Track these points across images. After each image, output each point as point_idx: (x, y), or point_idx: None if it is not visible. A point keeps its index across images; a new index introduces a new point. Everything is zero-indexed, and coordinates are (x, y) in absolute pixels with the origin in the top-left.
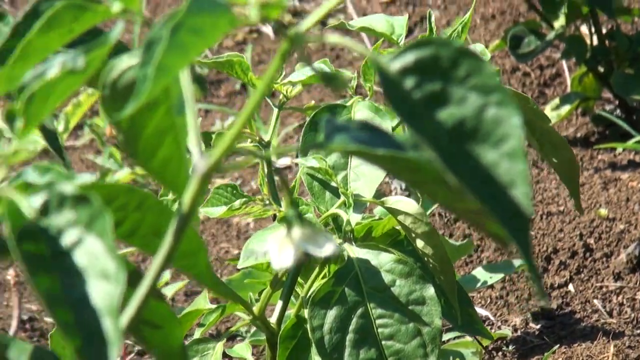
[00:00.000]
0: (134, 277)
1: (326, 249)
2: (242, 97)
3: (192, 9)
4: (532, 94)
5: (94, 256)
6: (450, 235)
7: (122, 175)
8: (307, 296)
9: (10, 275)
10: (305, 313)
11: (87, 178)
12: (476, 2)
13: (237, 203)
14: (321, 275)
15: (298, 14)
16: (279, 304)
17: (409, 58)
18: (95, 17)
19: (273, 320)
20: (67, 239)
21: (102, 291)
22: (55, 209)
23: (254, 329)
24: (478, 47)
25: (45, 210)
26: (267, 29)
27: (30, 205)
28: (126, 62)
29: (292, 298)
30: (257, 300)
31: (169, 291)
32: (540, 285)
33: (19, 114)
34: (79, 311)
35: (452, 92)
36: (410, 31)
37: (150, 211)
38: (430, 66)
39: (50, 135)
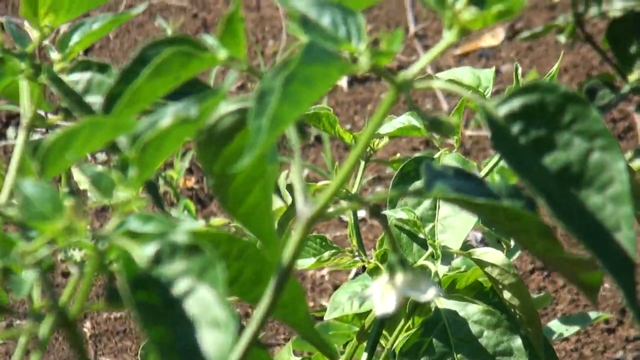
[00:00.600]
0: None
1: (429, 294)
2: (316, 149)
3: (304, 59)
4: None
5: (206, 305)
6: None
7: (197, 228)
8: (393, 348)
9: (87, 327)
10: None
11: (192, 225)
12: (544, 59)
13: (326, 254)
14: (405, 328)
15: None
16: (364, 356)
17: (516, 103)
18: (202, 64)
19: None
20: (179, 288)
21: (213, 340)
22: (167, 258)
23: None
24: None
25: (157, 259)
26: (341, 81)
27: (143, 254)
28: (223, 108)
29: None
30: (341, 353)
31: None
32: None
33: (133, 163)
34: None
35: (558, 137)
36: None
37: (250, 260)
38: (536, 111)
39: (150, 185)
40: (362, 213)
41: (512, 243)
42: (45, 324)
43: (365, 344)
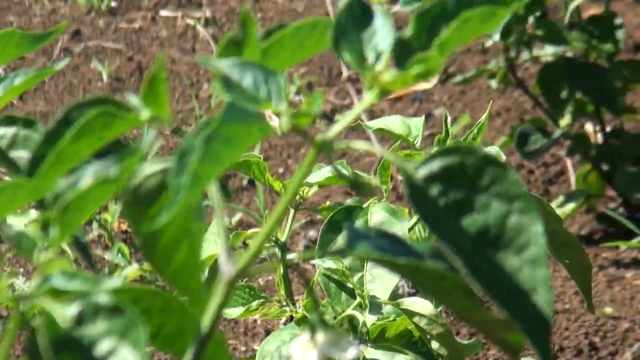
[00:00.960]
0: None
1: (349, 353)
2: (249, 192)
3: (225, 119)
4: (537, 191)
5: None
6: (457, 334)
7: (131, 271)
8: None
9: None
10: None
11: (114, 283)
12: (477, 103)
13: (254, 304)
14: None
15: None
16: None
17: (435, 165)
18: (125, 125)
19: None
20: (101, 349)
21: None
22: (90, 319)
23: None
24: (493, 150)
25: (80, 319)
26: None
27: (65, 314)
28: (148, 168)
29: None
30: None
31: None
32: None
33: (54, 223)
34: None
35: (477, 199)
36: None
37: (173, 314)
38: (456, 174)
39: (79, 243)
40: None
41: None
42: None
43: None
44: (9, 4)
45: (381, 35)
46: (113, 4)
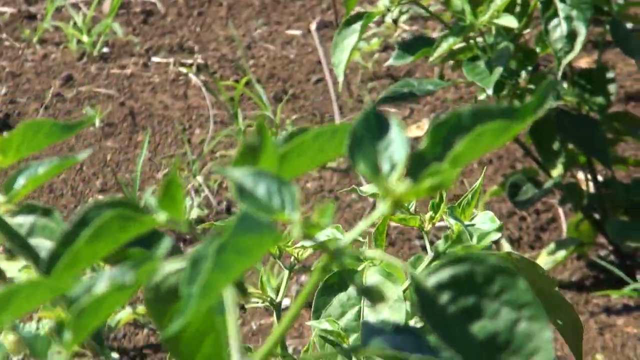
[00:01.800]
0: None
1: None
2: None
3: (237, 231)
4: (529, 238)
5: None
6: None
7: (124, 315)
8: None
9: None
10: None
11: None
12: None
13: None
14: None
15: None
16: None
17: (445, 274)
18: (141, 227)
19: None
20: None
21: None
22: None
23: None
24: (487, 215)
25: None
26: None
27: None
28: (168, 267)
29: None
30: None
31: None
32: None
33: (68, 327)
34: None
35: (486, 307)
36: None
37: None
38: (465, 282)
39: (97, 338)
40: (287, 301)
41: None
42: None
43: None
44: (1, 49)
45: (396, 147)
46: (105, 49)
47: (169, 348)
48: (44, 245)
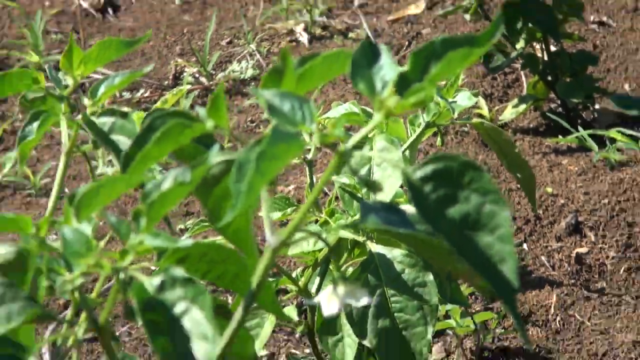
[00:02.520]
0: (223, 310)
1: (362, 301)
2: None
3: (271, 141)
4: (498, 94)
5: (197, 323)
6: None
7: (193, 242)
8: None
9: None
10: None
11: (187, 242)
12: (454, 25)
13: (288, 210)
14: (343, 259)
15: (325, 28)
16: (317, 280)
17: (428, 169)
18: (195, 132)
19: (313, 290)
20: (177, 310)
21: (202, 349)
22: (169, 288)
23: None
24: (466, 94)
25: (161, 288)
26: (303, 38)
27: (151, 284)
28: (213, 159)
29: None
30: (301, 276)
31: None
32: (524, 333)
33: (143, 215)
34: None
35: (460, 194)
36: (404, 46)
37: (232, 264)
38: (444, 175)
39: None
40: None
41: None
42: (81, 327)
43: (317, 271)
44: None
45: (386, 70)
46: None
47: (210, 220)
48: (121, 140)
